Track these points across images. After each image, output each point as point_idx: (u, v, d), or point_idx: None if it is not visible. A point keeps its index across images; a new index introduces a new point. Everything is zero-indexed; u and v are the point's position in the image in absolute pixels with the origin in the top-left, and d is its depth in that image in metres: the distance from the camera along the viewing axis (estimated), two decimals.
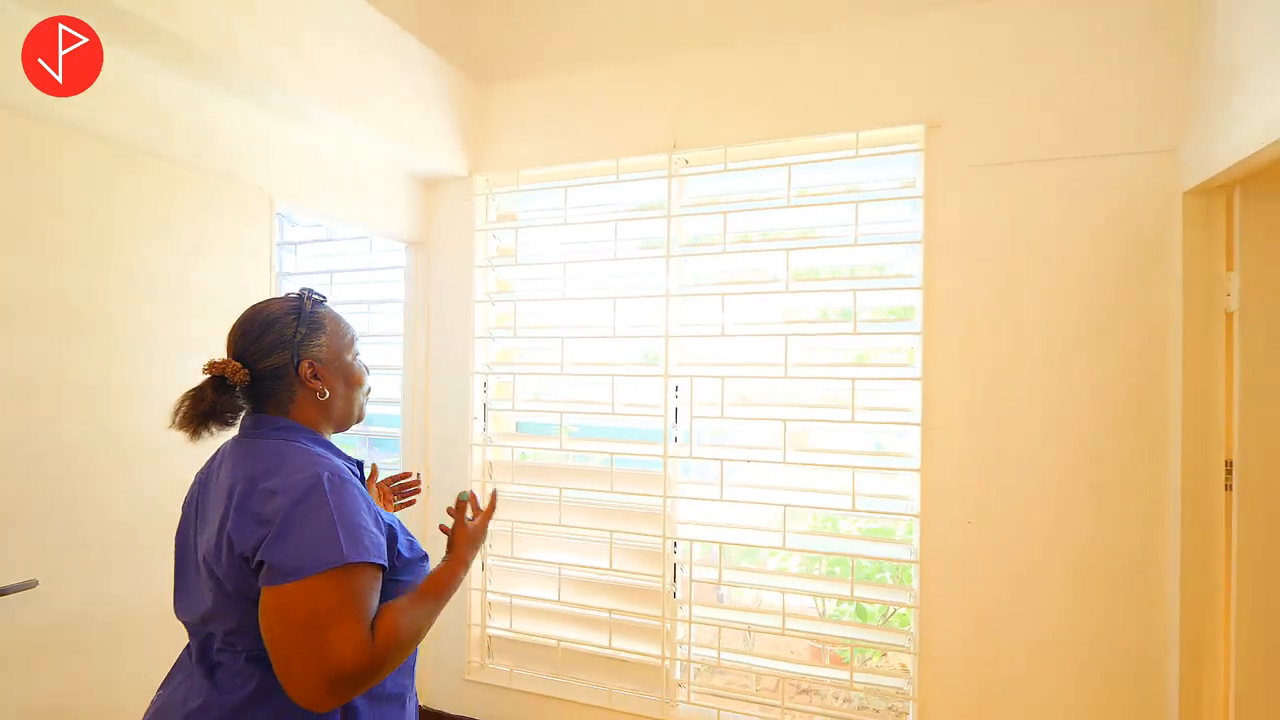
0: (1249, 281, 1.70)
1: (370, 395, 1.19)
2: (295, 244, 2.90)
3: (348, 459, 1.08)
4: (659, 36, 2.36)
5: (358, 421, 1.16)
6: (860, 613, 2.54)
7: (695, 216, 2.31)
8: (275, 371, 1.02)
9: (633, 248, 2.40)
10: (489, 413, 2.62)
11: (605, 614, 2.37)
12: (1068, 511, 1.90)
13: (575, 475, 2.48)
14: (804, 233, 2.21)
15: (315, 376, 1.04)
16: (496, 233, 2.62)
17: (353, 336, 1.13)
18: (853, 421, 2.09)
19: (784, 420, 2.14)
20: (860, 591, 2.15)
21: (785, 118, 2.17)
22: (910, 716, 2.08)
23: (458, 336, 2.61)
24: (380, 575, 0.94)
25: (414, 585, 1.04)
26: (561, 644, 2.43)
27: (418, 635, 0.97)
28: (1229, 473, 1.75)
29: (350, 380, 1.11)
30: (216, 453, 1.06)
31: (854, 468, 2.09)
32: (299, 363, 1.03)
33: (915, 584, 2.06)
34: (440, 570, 1.08)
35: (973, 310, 1.99)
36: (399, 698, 1.06)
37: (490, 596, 2.56)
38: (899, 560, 2.11)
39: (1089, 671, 1.88)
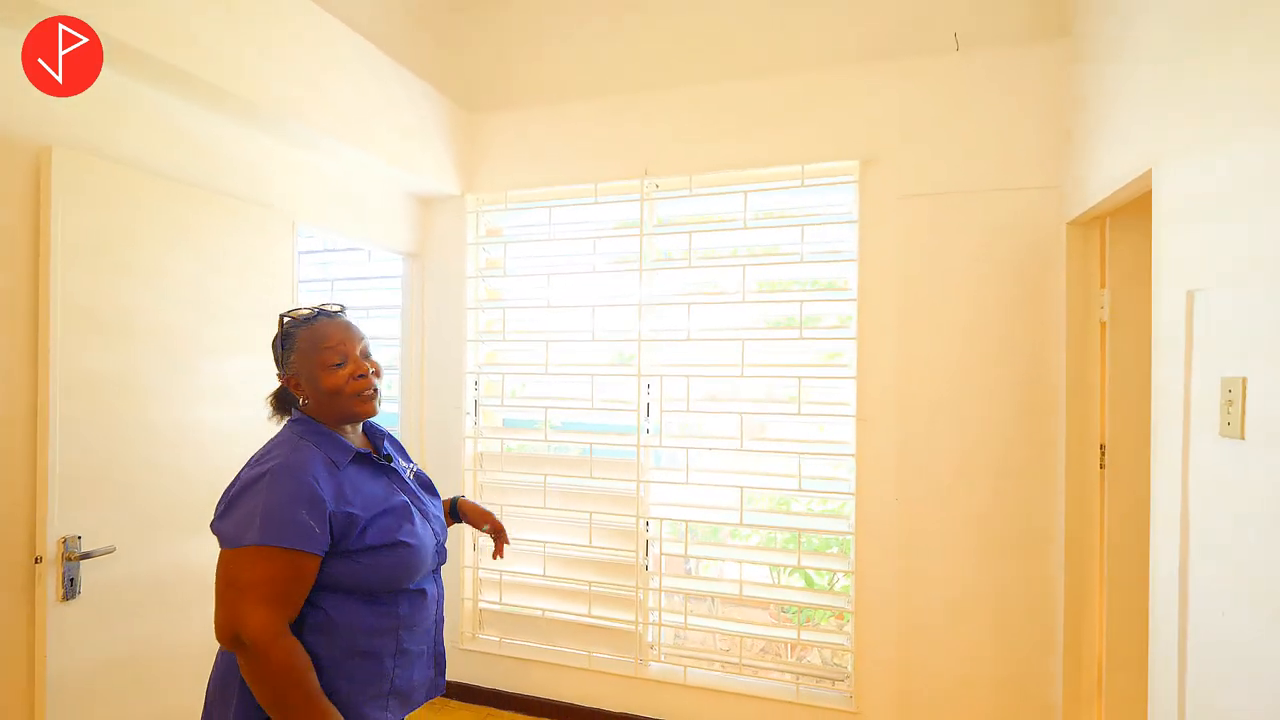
0: (1117, 297, 2.07)
1: (368, 392, 1.23)
2: (299, 254, 3.14)
3: (343, 448, 1.20)
4: (633, 75, 2.67)
5: (365, 415, 1.25)
6: (807, 580, 2.89)
7: (664, 235, 2.63)
8: (284, 381, 1.27)
9: (609, 261, 2.70)
10: (480, 408, 2.90)
11: (585, 586, 2.68)
12: (975, 487, 2.26)
13: (558, 463, 2.78)
14: (758, 250, 2.54)
15: (296, 386, 1.24)
16: (486, 246, 2.90)
17: (328, 346, 1.21)
18: (799, 415, 2.42)
19: (741, 414, 2.47)
20: (806, 561, 2.50)
21: (742, 150, 2.49)
22: (849, 668, 2.43)
23: (451, 340, 2.89)
24: (305, 558, 1.07)
25: (380, 568, 1.15)
26: (546, 614, 2.73)
27: (282, 691, 1.03)
28: (1103, 454, 2.12)
29: (319, 385, 1.20)
30: None
31: (800, 454, 2.42)
32: (286, 377, 1.25)
33: (852, 552, 2.41)
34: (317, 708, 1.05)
35: (899, 318, 2.34)
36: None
37: (481, 573, 2.85)
38: (840, 533, 2.46)
39: (991, 620, 2.24)
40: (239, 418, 1.93)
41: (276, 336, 1.27)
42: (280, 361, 1.26)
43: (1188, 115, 1.43)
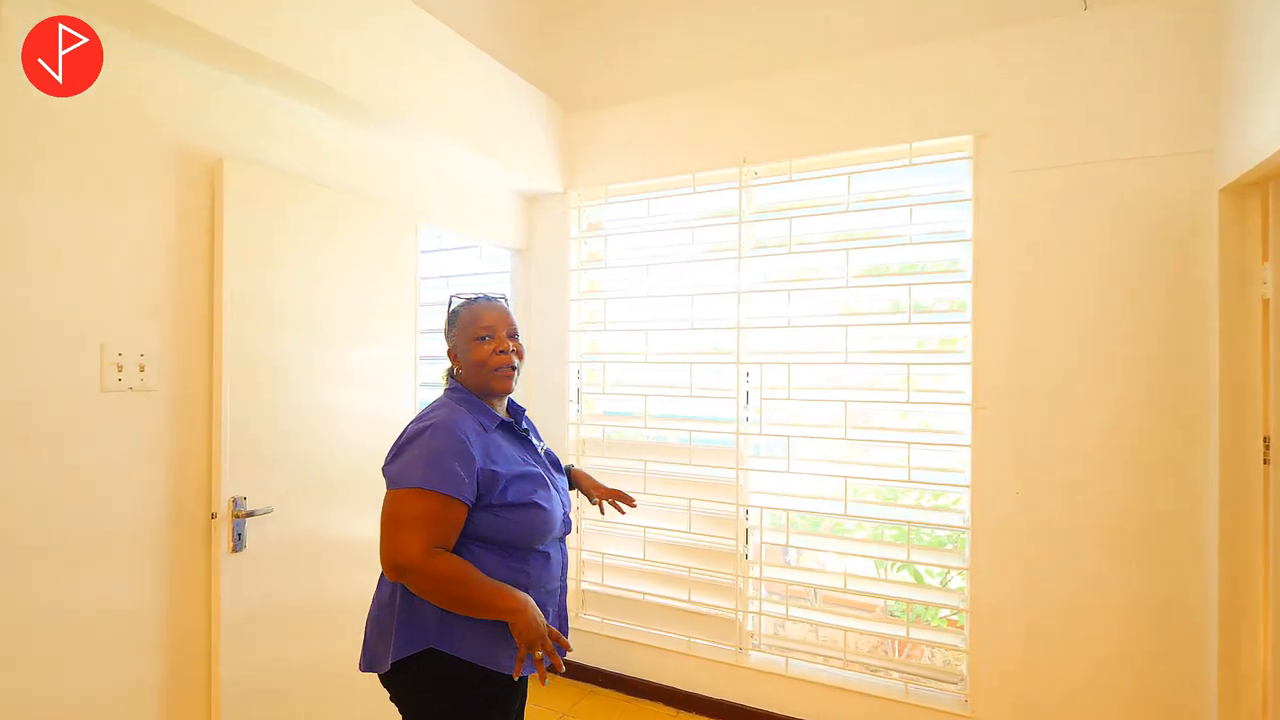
0: None
1: (506, 369, 1.38)
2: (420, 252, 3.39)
3: (490, 415, 1.37)
4: (728, 65, 2.67)
5: (501, 390, 1.39)
6: (916, 577, 2.76)
7: (763, 222, 2.61)
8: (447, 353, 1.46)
9: (707, 250, 2.72)
10: (582, 396, 3.00)
11: (684, 571, 2.71)
12: (1105, 482, 2.08)
13: (657, 450, 2.83)
14: (863, 234, 2.46)
15: (454, 356, 1.43)
16: (587, 240, 3.01)
17: (481, 325, 1.38)
18: (908, 403, 2.33)
19: (845, 401, 2.41)
20: (916, 556, 2.39)
21: (844, 133, 2.43)
22: (964, 670, 2.31)
23: (555, 330, 3.02)
24: (455, 504, 1.21)
25: (515, 523, 1.28)
26: (646, 597, 2.79)
27: (454, 590, 1.17)
28: (1266, 448, 1.89)
29: (469, 356, 1.38)
30: None
31: (909, 444, 2.33)
32: (448, 349, 1.45)
33: (967, 549, 2.28)
34: (505, 591, 1.21)
35: (1017, 301, 2.19)
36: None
37: (585, 555, 2.95)
38: (952, 527, 2.34)
39: (1126, 627, 2.06)
40: (368, 401, 2.12)
41: (448, 312, 1.47)
42: (446, 334, 1.45)
43: None
